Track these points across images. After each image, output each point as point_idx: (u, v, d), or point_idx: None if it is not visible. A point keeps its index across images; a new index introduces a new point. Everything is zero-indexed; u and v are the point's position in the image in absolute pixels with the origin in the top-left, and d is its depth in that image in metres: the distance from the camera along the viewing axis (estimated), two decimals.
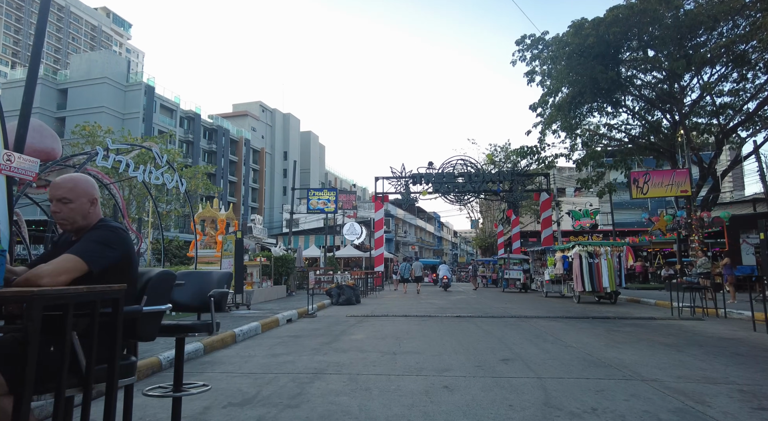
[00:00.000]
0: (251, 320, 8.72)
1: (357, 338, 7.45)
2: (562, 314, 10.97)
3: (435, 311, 12.06)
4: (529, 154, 23.80)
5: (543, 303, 14.87)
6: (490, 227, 48.94)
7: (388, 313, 11.36)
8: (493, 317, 10.51)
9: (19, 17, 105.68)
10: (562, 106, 20.34)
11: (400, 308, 13.10)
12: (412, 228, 67.35)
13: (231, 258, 10.82)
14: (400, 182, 26.08)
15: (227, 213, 14.62)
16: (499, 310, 12.26)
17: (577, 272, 14.47)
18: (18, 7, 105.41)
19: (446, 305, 13.90)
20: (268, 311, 10.56)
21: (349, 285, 14.63)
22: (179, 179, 10.13)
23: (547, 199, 25.49)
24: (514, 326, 8.89)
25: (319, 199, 21.27)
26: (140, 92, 46.93)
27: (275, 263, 16.17)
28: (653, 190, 16.06)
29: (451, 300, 16.26)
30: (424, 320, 9.94)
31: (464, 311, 12.03)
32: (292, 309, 11.08)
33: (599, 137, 21.63)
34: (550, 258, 17.65)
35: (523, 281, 21.88)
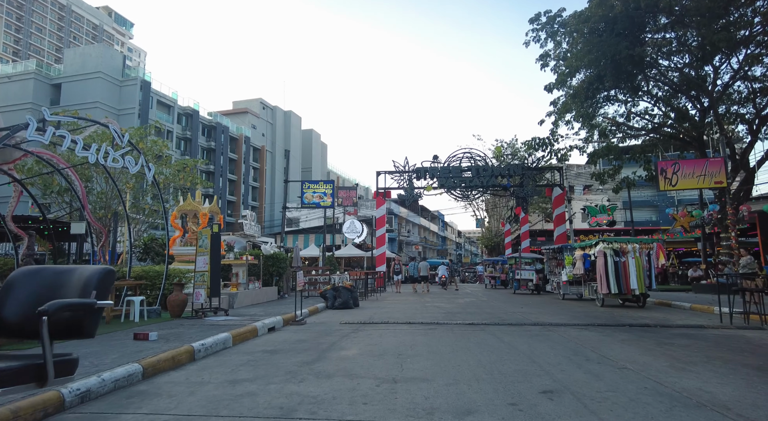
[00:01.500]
0: (223, 330, 7.22)
1: (348, 354, 5.93)
2: (590, 321, 9.42)
3: (443, 317, 10.52)
4: (541, 147, 22.22)
5: (562, 307, 13.30)
6: (496, 226, 47.36)
7: (388, 319, 9.84)
8: (512, 324, 8.97)
9: (20, 16, 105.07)
10: (579, 92, 18.77)
11: (402, 313, 11.57)
12: (416, 227, 65.81)
13: (207, 255, 9.33)
14: (402, 177, 24.55)
15: (210, 206, 13.15)
16: (516, 316, 10.71)
17: (601, 272, 12.90)
18: (19, 6, 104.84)
19: (455, 310, 12.36)
20: (249, 318, 9.06)
21: (346, 287, 13.12)
22: (146, 164, 8.64)
23: (560, 195, 23.91)
24: (540, 337, 7.34)
25: (315, 193, 19.69)
26: (136, 87, 45.61)
27: (265, 262, 14.67)
28: (683, 181, 14.47)
29: (459, 303, 14.72)
30: (431, 328, 8.41)
31: (476, 317, 10.49)
32: (279, 315, 9.58)
33: (618, 126, 20.01)
34: (567, 257, 16.08)
35: (536, 282, 20.31)
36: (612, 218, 24.49)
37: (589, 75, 18.39)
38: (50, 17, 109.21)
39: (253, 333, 7.55)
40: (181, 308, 9.29)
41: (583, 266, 14.67)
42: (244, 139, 62.55)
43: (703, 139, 17.26)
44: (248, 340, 7.18)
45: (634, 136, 21.49)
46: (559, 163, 24.47)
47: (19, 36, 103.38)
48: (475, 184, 23.69)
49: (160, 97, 49.53)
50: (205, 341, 6.06)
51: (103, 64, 44.36)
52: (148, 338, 6.09)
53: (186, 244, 13.03)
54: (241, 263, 12.83)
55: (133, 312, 8.58)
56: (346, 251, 31.24)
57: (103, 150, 7.65)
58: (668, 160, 15.58)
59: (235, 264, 12.94)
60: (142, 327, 7.58)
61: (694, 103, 17.73)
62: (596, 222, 24.55)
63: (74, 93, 43.14)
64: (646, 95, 18.89)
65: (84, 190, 9.16)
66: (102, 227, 10.27)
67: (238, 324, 7.98)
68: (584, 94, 18.64)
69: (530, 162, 24.09)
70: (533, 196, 24.11)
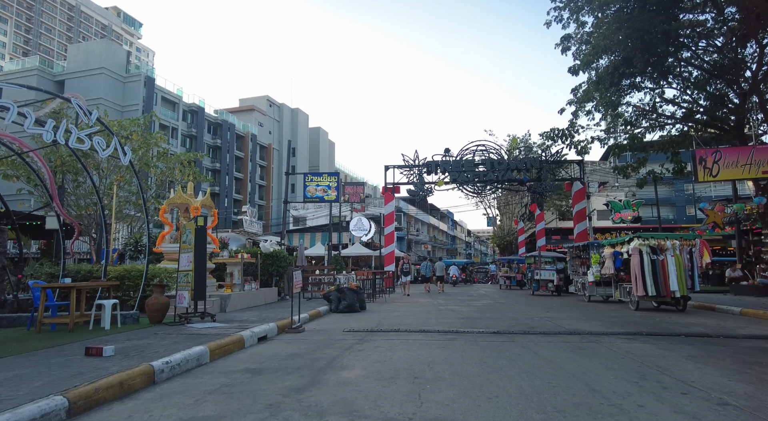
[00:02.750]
0: (202, 340, 6.01)
1: (350, 376, 4.67)
2: (634, 329, 8.07)
3: (461, 323, 9.23)
4: (561, 138, 20.77)
5: (593, 311, 11.94)
6: (508, 225, 45.88)
7: (399, 327, 8.57)
8: (545, 333, 7.66)
9: (29, 16, 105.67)
10: (603, 78, 17.34)
11: (415, 318, 10.29)
12: (425, 226, 64.43)
13: (191, 252, 8.13)
14: (412, 172, 23.24)
15: (203, 200, 11.98)
16: (544, 322, 9.39)
17: (636, 272, 11.51)
18: (29, 6, 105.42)
19: (473, 314, 11.06)
20: (238, 325, 7.84)
21: (351, 288, 11.88)
22: (119, 146, 7.44)
23: (580, 190, 22.44)
24: (585, 350, 6.03)
25: (318, 186, 18.40)
26: (139, 84, 44.80)
27: (264, 260, 13.49)
28: (725, 171, 13.03)
29: (476, 306, 13.41)
30: (451, 339, 7.12)
31: (500, 323, 9.18)
32: (274, 320, 8.36)
33: (645, 114, 18.53)
34: (594, 255, 14.69)
35: (557, 282, 18.91)
36: (637, 214, 22.96)
37: (613, 60, 17.00)
38: (59, 17, 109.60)
39: (239, 345, 6.32)
40: (161, 313, 8.10)
41: (614, 265, 13.28)
42: (251, 136, 61.64)
43: (743, 126, 15.75)
44: (231, 354, 5.96)
45: (661, 126, 19.98)
46: (579, 156, 23.01)
47: (28, 36, 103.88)
48: (489, 178, 22.31)
49: (165, 93, 48.72)
50: (172, 358, 4.83)
51: (106, 60, 43.61)
52: (102, 354, 4.90)
53: (176, 240, 11.85)
54: (236, 262, 11.64)
55: (104, 318, 7.40)
56: (353, 250, 30.01)
57: (63, 128, 6.46)
58: (708, 149, 14.12)
59: (230, 263, 11.75)
60: (106, 337, 6.40)
61: (733, 88, 16.22)
62: (620, 218, 23.03)
63: (77, 89, 42.36)
64: (677, 79, 17.40)
65: (52, 179, 7.99)
66: (75, 222, 9.11)
67: (222, 333, 6.76)
68: (609, 80, 17.21)
69: (548, 155, 22.64)
70: (552, 191, 22.69)
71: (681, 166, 18.63)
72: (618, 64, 16.83)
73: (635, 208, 22.83)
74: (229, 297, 10.48)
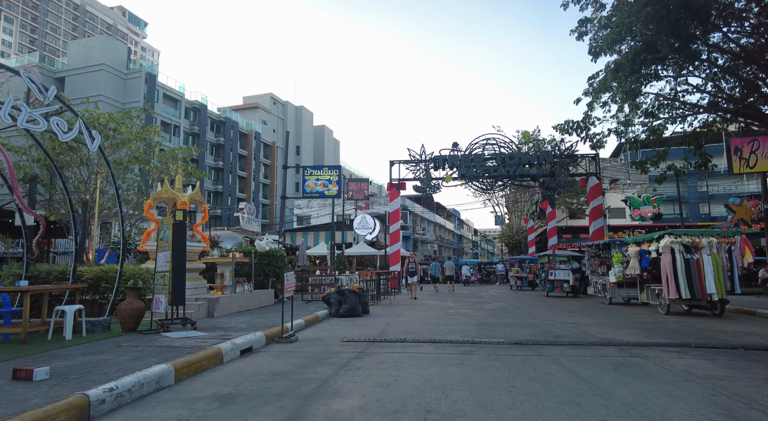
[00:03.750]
0: (172, 355, 5.01)
1: (344, 409, 3.64)
2: (677, 339, 6.98)
3: (475, 330, 8.17)
4: (576, 130, 19.61)
5: (619, 315, 10.83)
6: (517, 223, 44.65)
7: (406, 335, 7.53)
8: (575, 344, 6.59)
9: (35, 16, 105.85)
10: (622, 65, 16.19)
11: (423, 324, 9.25)
12: (431, 225, 63.35)
13: (169, 251, 7.14)
14: (419, 167, 22.18)
15: (192, 194, 10.99)
16: (569, 329, 8.31)
17: (668, 273, 10.38)
18: (34, 6, 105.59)
19: (487, 319, 9.99)
20: (221, 333, 6.84)
21: (353, 290, 10.85)
22: (85, 129, 6.46)
23: (596, 186, 21.29)
24: (632, 369, 4.96)
25: (318, 180, 17.27)
26: (140, 80, 44.05)
27: (259, 260, 12.49)
28: (764, 161, 11.87)
29: (489, 310, 12.34)
30: (467, 352, 6.07)
31: (519, 331, 8.12)
32: (263, 328, 7.37)
33: (668, 102, 17.34)
34: (616, 254, 13.57)
35: (573, 283, 17.78)
36: (658, 211, 21.72)
37: (634, 45, 15.84)
38: (65, 17, 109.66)
39: (215, 360, 5.31)
40: (135, 320, 7.12)
41: (640, 265, 12.17)
42: (254, 134, 60.86)
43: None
44: (203, 372, 4.95)
45: (682, 117, 18.76)
46: (593, 151, 21.86)
47: (34, 36, 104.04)
48: (500, 173, 21.20)
49: (167, 90, 47.97)
50: (119, 383, 3.82)
51: (107, 57, 42.88)
52: (32, 378, 3.90)
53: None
54: (227, 262, 10.65)
55: (66, 327, 6.42)
56: (357, 249, 28.99)
57: (8, 105, 5.48)
58: (744, 138, 12.94)
59: (221, 263, 10.77)
60: (58, 351, 5.41)
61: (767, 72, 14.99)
62: (639, 215, 21.80)
63: (78, 86, 41.68)
64: (703, 65, 16.19)
65: (12, 170, 7.03)
66: (40, 218, 8.15)
67: (198, 345, 5.76)
68: (629, 67, 16.05)
69: (562, 149, 21.50)
70: (566, 187, 21.52)
71: (706, 160, 17.45)
72: (639, 49, 15.68)
73: (655, 204, 21.59)
74: (217, 301, 9.49)
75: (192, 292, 10.67)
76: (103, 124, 14.40)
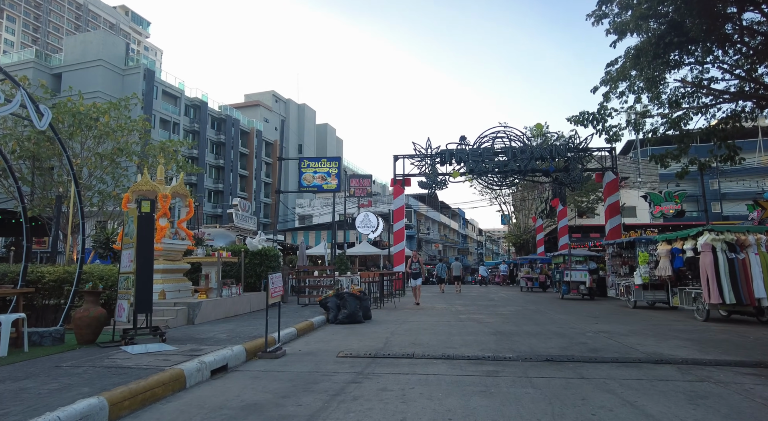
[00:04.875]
0: (118, 380, 3.88)
1: None
2: (741, 355, 5.81)
3: (494, 341, 7.01)
4: (591, 122, 18.40)
5: (650, 321, 9.64)
6: (525, 222, 43.38)
7: (414, 348, 6.39)
8: (619, 361, 5.43)
9: (37, 15, 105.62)
10: (644, 50, 15.01)
11: (433, 333, 8.09)
12: (435, 225, 62.16)
13: (133, 248, 6.03)
14: (424, 162, 21.00)
15: (175, 186, 9.89)
16: (603, 339, 7.14)
17: (709, 274, 9.20)
18: (36, 5, 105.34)
19: (505, 326, 8.83)
20: (191, 349, 5.71)
21: (354, 293, 9.73)
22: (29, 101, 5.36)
23: (612, 181, 20.07)
24: (713, 401, 3.80)
25: (316, 173, 16.06)
26: (139, 76, 43.08)
27: (251, 260, 11.38)
28: None
29: (503, 315, 11.17)
30: (491, 374, 4.92)
31: (545, 341, 6.96)
32: (248, 338, 6.26)
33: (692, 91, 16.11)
34: (642, 254, 12.38)
35: (590, 284, 16.59)
36: (680, 207, 20.43)
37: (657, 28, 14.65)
38: (67, 16, 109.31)
39: (174, 385, 4.19)
40: (94, 330, 6.02)
41: (671, 265, 10.98)
42: (256, 132, 59.85)
43: None
44: (154, 403, 3.82)
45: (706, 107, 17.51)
46: (609, 144, 20.59)
47: (36, 35, 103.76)
48: (511, 168, 19.98)
49: (166, 87, 47.00)
50: None
51: (104, 52, 41.95)
52: None
53: None
54: (213, 262, 9.54)
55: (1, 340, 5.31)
56: (359, 249, 27.83)
57: None
58: None
59: (206, 263, 9.66)
60: None
61: None
62: (660, 212, 20.52)
63: (74, 83, 40.61)
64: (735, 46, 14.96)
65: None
66: None
67: (155, 366, 4.63)
68: (652, 51, 14.86)
69: (576, 142, 20.27)
70: (581, 182, 20.28)
71: (734, 151, 16.24)
72: (663, 32, 14.49)
73: (678, 200, 20.30)
74: (199, 305, 8.38)
75: (174, 295, 9.58)
76: (84, 113, 13.32)
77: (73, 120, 13.23)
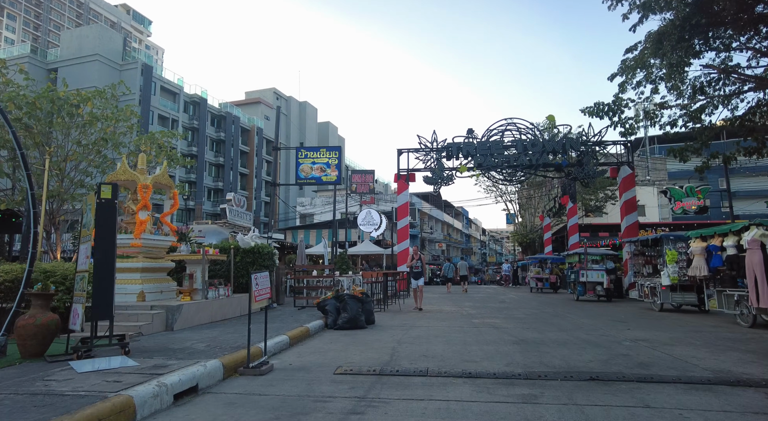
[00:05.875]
0: (41, 415, 2.85)
1: None
2: None
3: (520, 352, 5.97)
4: (607, 113, 17.33)
5: (689, 327, 8.58)
6: (531, 221, 42.26)
7: (427, 362, 5.35)
8: (683, 382, 4.38)
9: (38, 14, 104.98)
10: (668, 34, 13.97)
11: (446, 340, 7.05)
12: (439, 224, 61.09)
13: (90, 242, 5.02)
14: (429, 157, 19.96)
15: (156, 176, 8.89)
16: (648, 351, 6.09)
17: (757, 274, 8.13)
18: (37, 3, 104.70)
19: (526, 333, 7.77)
20: (160, 363, 4.68)
21: (355, 295, 8.70)
22: None
23: (629, 176, 18.98)
24: None
25: (314, 164, 14.83)
26: (136, 72, 42.17)
27: (242, 258, 10.35)
28: None
29: (520, 319, 10.12)
30: (528, 399, 3.87)
31: (579, 352, 5.92)
32: (231, 348, 5.23)
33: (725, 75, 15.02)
34: (670, 252, 11.30)
35: (607, 285, 15.52)
36: (703, 203, 19.30)
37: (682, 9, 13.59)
38: (68, 14, 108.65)
39: (119, 419, 3.16)
40: (41, 340, 5.00)
41: (706, 265, 9.92)
42: (257, 130, 58.88)
43: None
44: None
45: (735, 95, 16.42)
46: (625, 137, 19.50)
47: (37, 34, 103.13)
48: (521, 162, 18.91)
49: (165, 83, 46.07)
50: None
51: (101, 47, 41.04)
52: None
53: (119, 231, 8.78)
54: (198, 260, 8.52)
55: None
56: (362, 248, 26.80)
57: None
58: None
59: (190, 261, 8.64)
60: None
61: None
62: (682, 208, 19.40)
63: (70, 78, 39.64)
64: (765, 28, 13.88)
65: None
66: None
67: (97, 392, 3.60)
68: (677, 35, 13.81)
69: (590, 135, 19.20)
70: (595, 177, 19.19)
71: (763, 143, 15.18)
72: (689, 14, 13.42)
73: (701, 195, 19.15)
74: (179, 309, 7.36)
75: (156, 297, 8.58)
76: (64, 98, 12.33)
77: (52, 106, 12.25)
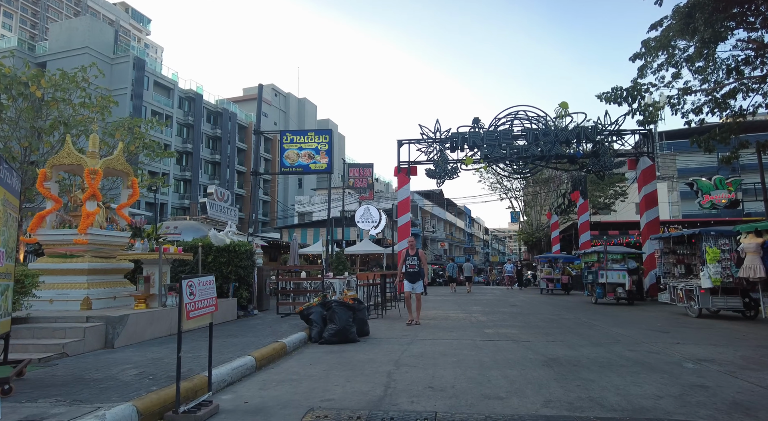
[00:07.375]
0: None
1: None
2: None
3: (556, 383, 4.49)
4: (626, 99, 15.82)
5: (744, 338, 7.09)
6: (537, 219, 40.72)
7: (434, 402, 3.88)
8: None
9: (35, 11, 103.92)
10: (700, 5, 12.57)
11: (457, 362, 5.58)
12: (441, 223, 59.58)
13: None
14: (432, 148, 18.50)
15: (108, 160, 7.44)
16: (724, 378, 4.62)
17: None
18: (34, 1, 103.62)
19: (556, 350, 6.30)
20: (49, 405, 3.22)
21: (345, 303, 7.23)
22: None
23: (649, 168, 17.50)
24: None
25: (301, 149, 13.02)
26: (128, 65, 40.74)
27: (216, 257, 8.89)
28: None
29: (540, 327, 8.63)
30: None
31: (637, 381, 4.44)
32: (164, 380, 3.76)
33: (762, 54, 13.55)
34: (711, 250, 9.81)
35: (629, 287, 14.05)
36: (734, 196, 17.76)
37: None
38: (66, 13, 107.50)
39: None
40: None
41: (762, 264, 8.42)
42: (254, 127, 57.48)
43: None
44: None
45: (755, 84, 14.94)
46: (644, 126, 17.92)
47: (34, 32, 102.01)
48: (532, 153, 17.42)
49: (158, 77, 44.65)
50: None
51: (91, 40, 39.64)
52: None
53: (63, 224, 7.33)
54: (155, 259, 7.05)
55: None
56: (360, 247, 25.31)
57: None
58: None
59: (148, 261, 7.17)
60: None
61: None
62: (710, 202, 17.87)
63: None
64: None
65: None
66: None
67: None
68: (711, 5, 12.37)
69: (606, 123, 17.70)
70: (611, 169, 17.68)
71: None
72: None
73: (732, 188, 17.59)
74: (122, 321, 5.89)
75: (107, 304, 7.14)
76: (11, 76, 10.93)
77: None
